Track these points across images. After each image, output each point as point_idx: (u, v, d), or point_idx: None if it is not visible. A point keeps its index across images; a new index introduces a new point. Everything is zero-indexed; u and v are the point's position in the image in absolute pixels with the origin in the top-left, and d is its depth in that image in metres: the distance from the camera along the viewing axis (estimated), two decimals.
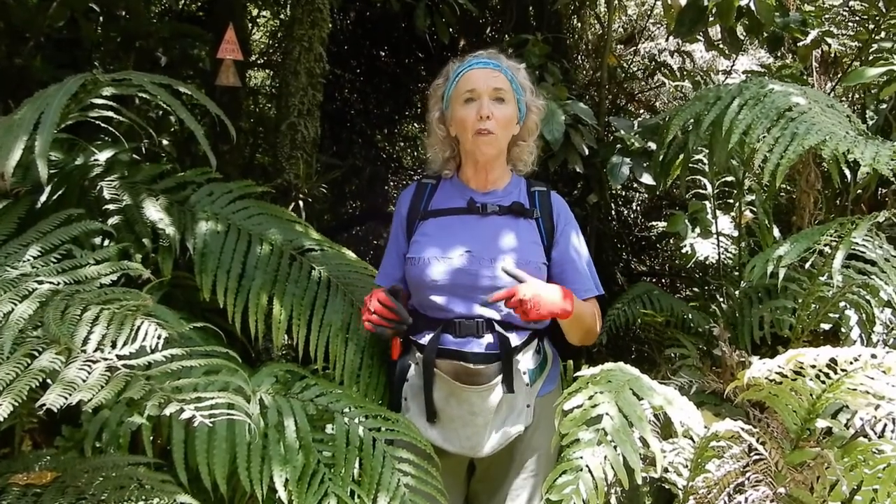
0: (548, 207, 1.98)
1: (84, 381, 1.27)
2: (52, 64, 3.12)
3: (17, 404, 1.23)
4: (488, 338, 1.84)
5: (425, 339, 1.88)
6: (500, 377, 1.82)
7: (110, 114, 2.05)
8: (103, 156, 2.19)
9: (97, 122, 2.10)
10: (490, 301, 1.79)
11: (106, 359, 1.33)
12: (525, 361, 1.89)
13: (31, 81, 3.04)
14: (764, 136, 2.21)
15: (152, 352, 1.36)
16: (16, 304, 1.42)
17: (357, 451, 1.75)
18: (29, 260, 1.61)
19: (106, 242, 1.99)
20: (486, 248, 1.89)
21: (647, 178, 3.20)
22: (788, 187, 3.60)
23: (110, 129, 2.26)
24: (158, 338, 1.39)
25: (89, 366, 1.31)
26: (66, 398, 1.24)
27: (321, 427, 1.81)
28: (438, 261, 1.88)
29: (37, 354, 1.33)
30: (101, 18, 3.48)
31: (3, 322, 1.38)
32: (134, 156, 2.32)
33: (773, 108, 2.28)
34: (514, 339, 1.86)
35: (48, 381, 1.29)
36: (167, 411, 1.27)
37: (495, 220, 1.94)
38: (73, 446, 1.68)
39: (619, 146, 3.28)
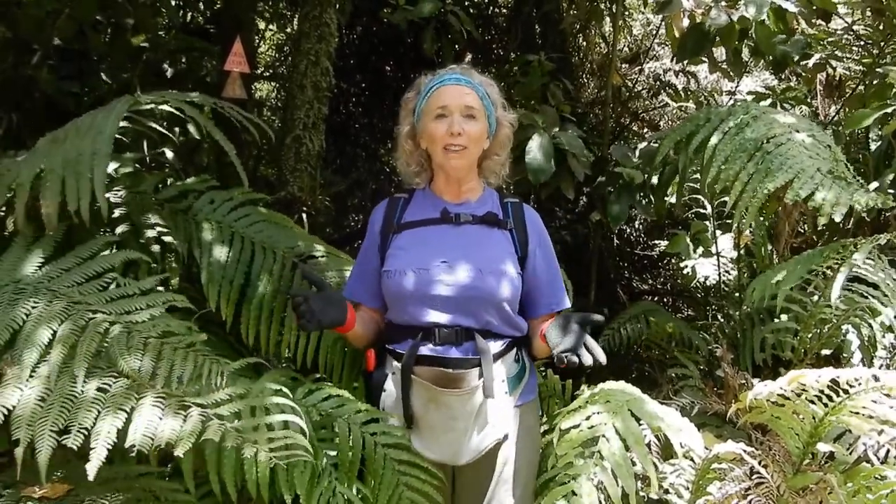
0: (521, 219, 1.99)
1: (160, 419, 1.36)
2: (57, 75, 3.12)
3: (110, 448, 1.31)
4: (467, 345, 1.85)
5: (403, 348, 1.88)
6: (480, 382, 1.82)
7: (125, 123, 2.06)
8: (111, 166, 2.20)
9: None
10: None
11: (177, 396, 1.42)
12: (504, 369, 1.89)
13: (36, 92, 3.05)
14: (742, 169, 2.27)
15: (216, 389, 1.45)
16: (78, 336, 1.45)
17: (360, 452, 1.76)
18: (73, 286, 1.62)
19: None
20: (461, 257, 1.88)
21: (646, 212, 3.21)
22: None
23: (118, 137, 2.26)
24: (221, 375, 1.47)
25: (162, 402, 1.39)
26: (151, 439, 1.33)
27: (321, 428, 1.82)
28: (415, 272, 1.88)
29: (108, 388, 1.40)
30: (108, 30, 3.49)
31: (67, 353, 1.42)
32: (137, 165, 2.32)
33: (752, 141, 2.32)
34: (494, 347, 1.87)
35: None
36: (246, 454, 1.38)
37: (469, 229, 1.94)
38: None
39: (619, 182, 3.27)
